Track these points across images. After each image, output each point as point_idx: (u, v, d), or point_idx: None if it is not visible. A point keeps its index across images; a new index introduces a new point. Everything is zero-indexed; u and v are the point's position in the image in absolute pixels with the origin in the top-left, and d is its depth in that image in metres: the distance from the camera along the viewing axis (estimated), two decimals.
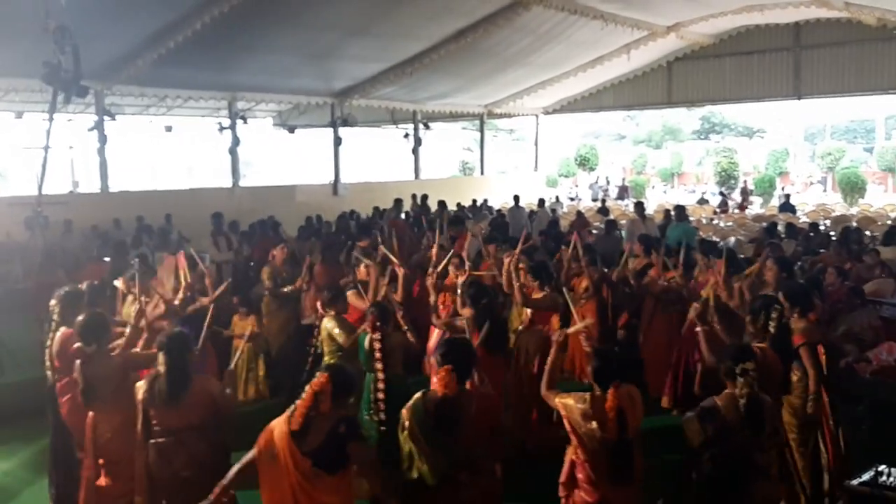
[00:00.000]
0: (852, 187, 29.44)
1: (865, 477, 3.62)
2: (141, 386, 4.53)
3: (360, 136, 29.78)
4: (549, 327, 6.59)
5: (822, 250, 11.22)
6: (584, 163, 37.59)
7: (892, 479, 3.58)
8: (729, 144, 41.81)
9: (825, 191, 35.76)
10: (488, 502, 4.08)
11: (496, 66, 20.51)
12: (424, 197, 19.27)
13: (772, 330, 4.87)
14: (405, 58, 18.79)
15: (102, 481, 4.96)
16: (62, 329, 5.57)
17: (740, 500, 3.88)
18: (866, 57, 20.35)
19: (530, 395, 6.18)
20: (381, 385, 5.42)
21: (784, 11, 19.03)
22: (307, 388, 3.71)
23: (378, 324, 5.58)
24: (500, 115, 27.44)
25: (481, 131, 27.83)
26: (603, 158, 40.49)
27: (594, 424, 3.91)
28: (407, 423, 3.97)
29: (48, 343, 5.65)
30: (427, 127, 24.76)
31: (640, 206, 13.95)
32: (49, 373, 5.64)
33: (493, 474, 4.14)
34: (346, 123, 21.62)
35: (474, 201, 20.54)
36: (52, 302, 5.78)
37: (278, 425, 3.73)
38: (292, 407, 3.71)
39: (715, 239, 14.98)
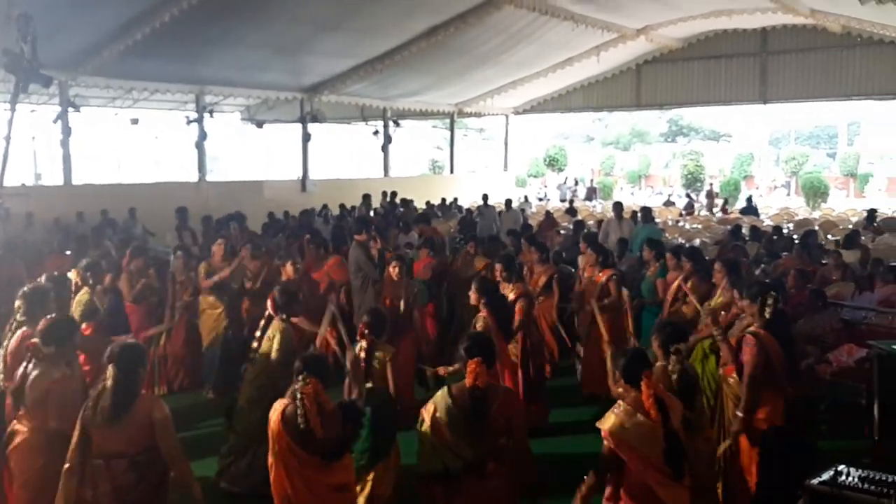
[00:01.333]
0: (815, 192, 29.94)
1: (825, 476, 3.66)
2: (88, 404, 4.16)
3: (329, 133, 29.61)
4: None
5: (784, 253, 11.36)
6: (553, 163, 37.80)
7: (851, 478, 3.63)
8: (696, 148, 42.31)
9: (789, 195, 36.31)
10: (511, 492, 4.19)
11: (467, 64, 20.53)
12: (394, 194, 19.23)
13: (767, 315, 5.04)
14: (376, 54, 18.73)
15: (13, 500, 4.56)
16: (23, 329, 5.28)
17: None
18: (831, 63, 20.70)
19: None
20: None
21: (751, 17, 19.28)
22: (303, 397, 3.86)
23: (367, 332, 5.38)
24: (471, 114, 27.48)
25: (451, 130, 27.87)
26: (572, 159, 40.74)
27: (640, 416, 3.85)
28: (430, 417, 4.07)
29: (5, 343, 5.36)
30: (397, 124, 24.69)
31: (618, 207, 13.97)
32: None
33: (515, 465, 4.22)
34: (315, 119, 21.47)
35: (443, 200, 20.54)
36: (17, 302, 5.48)
37: (276, 425, 3.95)
38: (293, 414, 3.90)
39: (681, 241, 15.15)
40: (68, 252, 10.67)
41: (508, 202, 17.63)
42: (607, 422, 3.88)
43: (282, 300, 5.87)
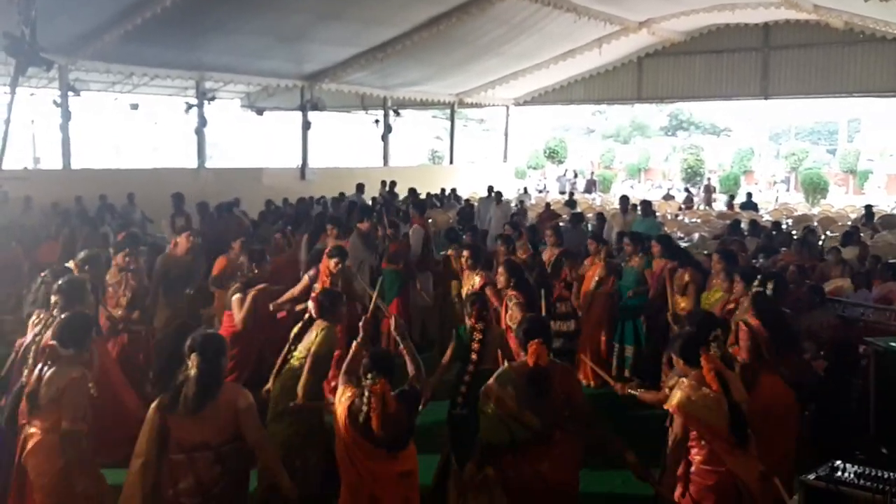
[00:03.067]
0: (814, 188, 29.96)
1: (821, 472, 3.67)
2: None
3: (329, 121, 29.54)
4: None
5: (783, 249, 11.37)
6: (553, 155, 37.77)
7: (847, 474, 3.64)
8: (696, 142, 42.27)
9: (788, 190, 36.31)
10: (576, 456, 4.42)
11: (468, 55, 20.46)
12: (393, 184, 19.19)
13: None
14: (377, 43, 18.66)
15: None
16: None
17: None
18: (832, 60, 20.65)
19: None
20: (467, 378, 5.24)
21: (754, 12, 19.21)
22: (370, 395, 3.86)
23: (482, 313, 5.38)
24: (471, 105, 27.41)
25: (451, 120, 27.81)
26: (571, 152, 40.70)
27: (705, 389, 4.12)
28: (494, 395, 4.25)
29: (36, 339, 4.89)
30: (397, 114, 24.64)
31: (624, 200, 13.96)
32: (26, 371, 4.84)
33: (579, 435, 4.44)
34: (315, 107, 21.42)
35: (442, 190, 20.51)
36: (53, 297, 5.11)
37: (342, 421, 3.98)
38: (357, 409, 3.92)
39: (680, 235, 15.15)
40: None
41: (499, 195, 17.63)
42: (674, 398, 4.17)
43: (327, 302, 5.48)
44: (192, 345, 4.02)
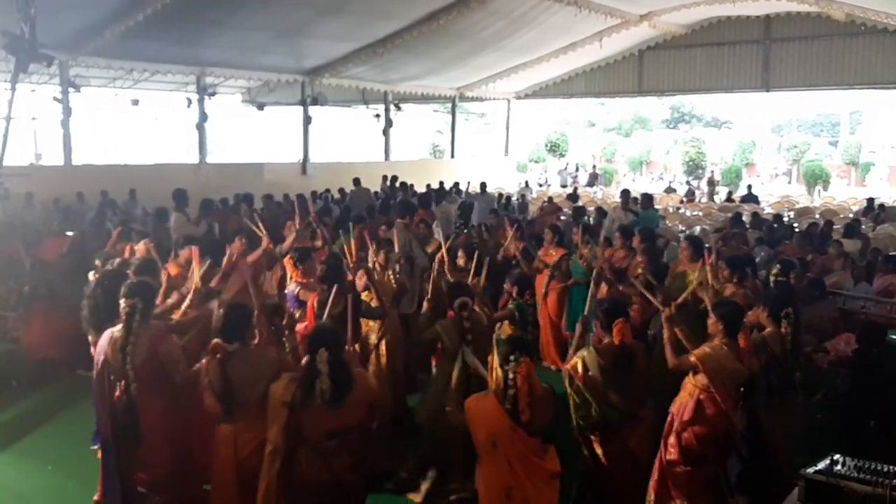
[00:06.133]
0: (816, 180, 29.89)
1: (821, 465, 3.68)
2: (282, 386, 4.08)
3: (330, 116, 29.51)
4: None
5: (786, 241, 11.37)
6: (555, 149, 37.70)
7: (846, 467, 3.65)
8: (697, 135, 42.18)
9: (790, 183, 36.25)
10: (655, 434, 4.72)
11: (469, 49, 20.43)
12: (394, 178, 19.19)
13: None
14: (377, 38, 18.63)
15: None
16: (151, 328, 4.72)
17: (787, 402, 5.07)
18: (834, 52, 20.62)
19: None
20: None
21: (755, 4, 19.20)
22: (515, 377, 3.81)
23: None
24: (472, 99, 27.38)
25: (452, 114, 27.77)
26: (573, 145, 40.60)
27: (728, 351, 4.59)
28: (582, 375, 4.49)
29: (126, 349, 4.59)
30: (398, 108, 24.63)
31: (625, 194, 13.97)
32: (122, 382, 4.61)
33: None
34: (316, 102, 21.42)
35: (441, 184, 20.46)
36: (123, 303, 4.66)
37: (492, 414, 3.87)
38: (502, 395, 3.87)
39: (682, 228, 15.15)
40: (69, 233, 10.67)
41: (483, 186, 17.82)
42: (700, 351, 4.59)
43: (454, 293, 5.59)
44: (315, 340, 4.09)
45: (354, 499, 4.15)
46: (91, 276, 6.31)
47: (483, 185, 17.95)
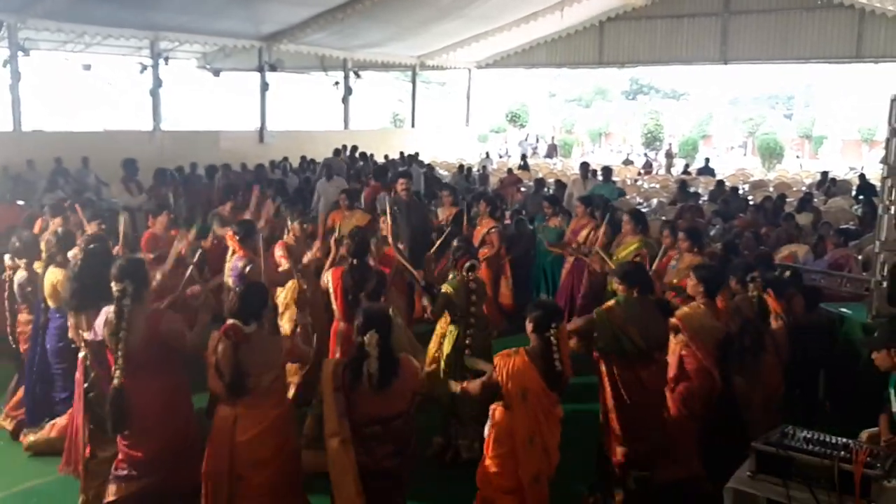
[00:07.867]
0: (771, 153, 30.38)
1: (771, 437, 3.77)
2: (329, 372, 4.02)
3: (288, 83, 29.06)
4: None
5: (740, 214, 11.53)
6: (515, 119, 37.71)
7: (796, 439, 3.74)
8: (655, 107, 42.49)
9: (745, 155, 36.77)
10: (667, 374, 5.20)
11: (430, 16, 20.22)
12: (354, 148, 19.02)
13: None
14: (337, 3, 18.31)
15: None
16: (147, 309, 4.48)
17: (757, 364, 5.37)
18: (791, 26, 20.87)
19: None
20: None
21: None
22: (557, 341, 4.14)
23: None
24: (433, 67, 27.17)
25: (413, 83, 27.49)
26: (533, 116, 40.64)
27: (706, 310, 5.12)
28: (608, 307, 5.03)
29: (119, 335, 4.31)
30: (357, 76, 24.33)
31: (584, 166, 14.03)
32: (118, 372, 4.31)
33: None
34: (273, 68, 21.06)
35: (401, 154, 20.36)
36: (116, 285, 4.36)
37: (525, 372, 4.12)
38: (546, 357, 4.14)
39: (639, 200, 15.28)
40: (20, 202, 10.42)
41: (413, 157, 17.85)
42: (680, 312, 5.11)
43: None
44: (366, 322, 4.01)
45: (396, 480, 4.13)
46: (71, 255, 6.02)
47: (412, 156, 17.84)
